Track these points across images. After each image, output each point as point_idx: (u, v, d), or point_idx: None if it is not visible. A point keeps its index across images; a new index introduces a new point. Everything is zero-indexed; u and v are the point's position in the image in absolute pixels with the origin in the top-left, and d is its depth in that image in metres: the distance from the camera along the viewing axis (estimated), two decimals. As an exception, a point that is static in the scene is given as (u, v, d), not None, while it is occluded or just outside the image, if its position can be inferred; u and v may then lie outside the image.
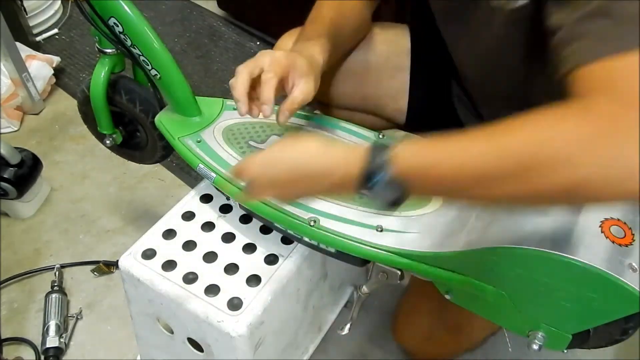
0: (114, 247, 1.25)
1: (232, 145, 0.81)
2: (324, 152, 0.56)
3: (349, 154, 0.54)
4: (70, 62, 1.75)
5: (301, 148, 0.58)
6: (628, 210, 0.59)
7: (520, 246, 0.56)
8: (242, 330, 0.69)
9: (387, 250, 0.66)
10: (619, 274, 0.53)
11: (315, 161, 0.56)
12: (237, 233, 0.80)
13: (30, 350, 1.07)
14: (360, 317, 0.95)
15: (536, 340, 0.62)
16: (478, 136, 0.47)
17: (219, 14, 1.99)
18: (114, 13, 0.79)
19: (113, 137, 0.99)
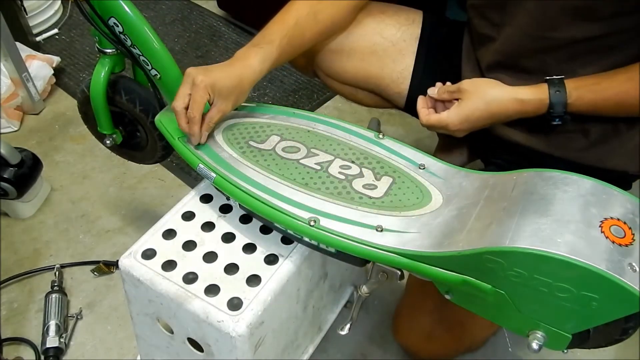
0: (114, 247, 1.25)
1: (232, 145, 0.81)
2: (515, 101, 0.77)
3: (534, 94, 0.76)
4: (70, 62, 1.75)
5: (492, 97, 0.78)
6: (628, 210, 0.59)
7: (520, 246, 0.56)
8: (242, 330, 0.69)
9: (387, 250, 0.66)
10: (619, 274, 0.53)
11: (507, 106, 0.78)
12: (237, 233, 0.80)
13: (30, 350, 1.07)
14: (360, 317, 0.96)
15: (536, 340, 0.62)
16: (630, 81, 0.72)
17: (219, 14, 1.99)
18: (114, 13, 0.79)
19: (113, 137, 0.99)
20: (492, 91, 0.79)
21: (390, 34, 0.98)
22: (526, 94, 0.77)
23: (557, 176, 0.63)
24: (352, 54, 0.98)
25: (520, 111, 0.78)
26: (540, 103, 0.77)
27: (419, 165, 0.77)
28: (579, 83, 0.76)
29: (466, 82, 0.81)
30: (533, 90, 0.77)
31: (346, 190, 0.74)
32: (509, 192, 0.65)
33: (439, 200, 0.72)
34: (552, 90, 0.76)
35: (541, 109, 0.77)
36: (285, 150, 0.80)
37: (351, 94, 1.07)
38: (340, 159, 0.79)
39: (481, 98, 0.79)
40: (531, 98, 0.77)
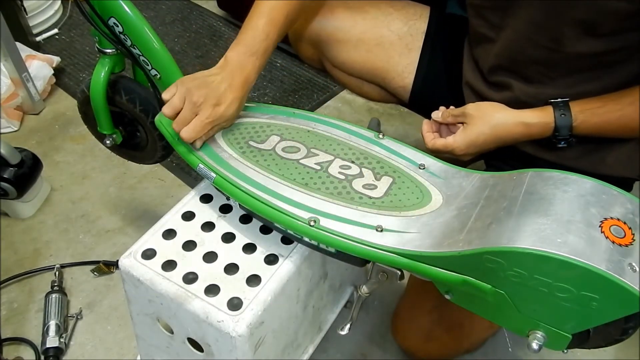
0: (114, 247, 1.25)
1: (232, 145, 0.81)
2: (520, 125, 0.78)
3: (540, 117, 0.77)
4: (70, 62, 1.76)
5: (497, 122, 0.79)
6: (628, 210, 0.59)
7: (520, 246, 0.56)
8: (242, 330, 0.69)
9: (387, 250, 0.66)
10: (619, 274, 0.53)
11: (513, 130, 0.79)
12: (237, 233, 0.80)
13: (30, 350, 1.07)
14: (360, 317, 0.96)
15: (536, 340, 0.62)
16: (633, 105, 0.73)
17: (219, 14, 1.99)
18: (114, 13, 0.79)
19: (113, 137, 0.99)
20: (497, 115, 0.80)
21: (397, 27, 0.99)
22: (532, 118, 0.78)
23: (557, 176, 0.63)
24: (359, 45, 0.99)
25: (526, 134, 0.79)
26: (546, 126, 0.77)
27: (419, 165, 0.77)
28: (583, 106, 0.76)
29: (471, 106, 0.82)
30: (538, 113, 0.78)
31: (346, 190, 0.74)
32: (509, 192, 0.65)
33: (439, 200, 0.72)
34: (558, 113, 0.76)
35: (546, 132, 0.78)
36: (285, 150, 0.80)
37: (357, 86, 1.08)
38: (340, 159, 0.79)
39: (487, 123, 0.79)
40: (537, 122, 0.77)
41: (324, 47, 1.02)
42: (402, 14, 1.00)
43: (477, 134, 0.80)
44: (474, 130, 0.80)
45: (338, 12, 0.99)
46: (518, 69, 0.82)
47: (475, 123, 0.80)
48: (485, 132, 0.80)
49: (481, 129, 0.80)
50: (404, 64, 0.99)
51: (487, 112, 0.80)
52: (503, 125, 0.79)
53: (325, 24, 1.00)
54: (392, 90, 1.03)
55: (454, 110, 0.83)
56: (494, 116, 0.80)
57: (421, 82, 0.99)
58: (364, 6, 1.00)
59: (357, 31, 0.99)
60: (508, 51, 0.82)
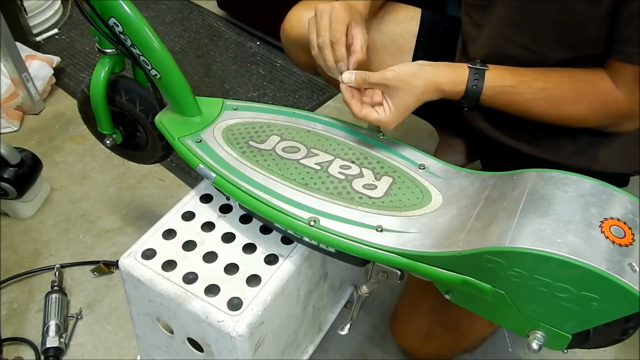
0: (114, 247, 1.25)
1: (232, 145, 0.81)
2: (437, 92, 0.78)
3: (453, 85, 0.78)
4: (70, 62, 1.75)
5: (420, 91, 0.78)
6: (628, 211, 0.59)
7: (520, 246, 0.56)
8: (242, 330, 0.69)
9: (387, 250, 0.66)
10: (619, 274, 0.53)
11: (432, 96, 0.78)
12: (237, 233, 0.80)
13: (30, 350, 1.07)
14: (360, 317, 0.96)
15: (536, 340, 0.62)
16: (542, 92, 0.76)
17: (219, 14, 1.99)
18: (114, 13, 0.79)
19: (113, 137, 0.99)
20: (418, 83, 0.78)
21: (389, 30, 0.99)
22: (446, 85, 0.78)
23: (557, 176, 0.63)
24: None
25: (440, 97, 0.80)
26: (457, 94, 0.78)
27: (419, 165, 0.77)
28: (496, 81, 0.77)
29: (389, 74, 0.78)
30: (454, 79, 0.78)
31: (346, 190, 0.74)
32: (509, 192, 0.65)
33: (439, 200, 0.72)
34: (470, 83, 0.77)
35: (456, 97, 0.79)
36: (285, 150, 0.80)
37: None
38: (340, 159, 0.79)
39: (410, 93, 0.78)
40: (449, 90, 0.78)
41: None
42: (393, 16, 0.99)
43: (404, 105, 0.79)
44: (401, 103, 0.78)
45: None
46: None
47: (400, 95, 0.78)
48: (410, 102, 0.78)
49: (407, 100, 0.78)
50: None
51: (408, 79, 0.78)
52: (424, 92, 0.78)
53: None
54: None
55: (371, 77, 0.80)
56: (415, 84, 0.78)
57: None
58: None
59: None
60: (485, 49, 0.83)
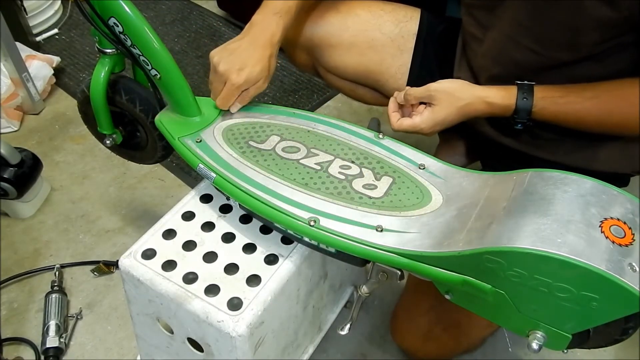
0: (114, 247, 1.25)
1: (232, 145, 0.81)
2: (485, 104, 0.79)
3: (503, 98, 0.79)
4: (70, 62, 1.75)
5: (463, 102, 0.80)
6: (628, 210, 0.59)
7: (520, 246, 0.56)
8: (242, 330, 0.69)
9: (387, 250, 0.66)
10: (619, 274, 0.53)
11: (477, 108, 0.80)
12: (237, 233, 0.80)
13: (30, 350, 1.07)
14: (360, 317, 0.96)
15: (536, 340, 0.62)
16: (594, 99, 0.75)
17: (219, 14, 1.99)
18: (114, 13, 0.79)
19: (113, 137, 0.99)
20: (462, 95, 0.80)
21: (389, 30, 0.99)
22: (495, 97, 0.79)
23: (557, 176, 0.63)
24: (352, 48, 0.99)
25: (488, 112, 0.80)
26: (507, 108, 0.79)
27: (419, 165, 0.77)
28: (546, 93, 0.77)
29: (434, 86, 0.81)
30: (502, 93, 0.79)
31: (346, 190, 0.74)
32: (509, 192, 0.65)
33: (439, 200, 0.72)
34: (520, 96, 0.77)
35: (507, 112, 0.79)
36: (285, 150, 0.80)
37: (351, 90, 1.08)
38: (340, 159, 0.79)
39: (453, 104, 0.80)
40: (499, 102, 0.79)
41: (316, 53, 1.02)
42: (393, 15, 1.00)
43: (444, 115, 0.81)
44: (441, 112, 0.81)
45: (329, 16, 0.99)
46: (502, 70, 0.83)
47: (441, 104, 0.80)
48: (452, 112, 0.80)
49: (448, 110, 0.80)
50: (397, 65, 0.99)
51: (452, 92, 0.81)
52: (468, 105, 0.80)
53: (316, 29, 1.00)
54: (387, 92, 1.03)
55: (417, 91, 0.83)
56: (459, 97, 0.80)
57: (414, 84, 0.99)
58: (354, 9, 1.00)
59: (348, 34, 0.98)
60: (492, 51, 0.83)
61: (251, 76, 0.81)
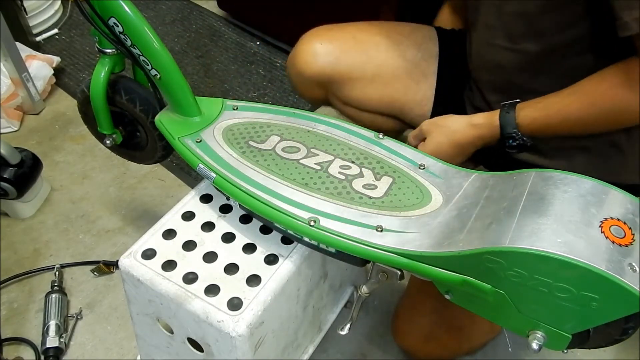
0: (114, 247, 1.25)
1: (232, 145, 0.81)
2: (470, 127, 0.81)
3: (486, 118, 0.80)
4: (70, 62, 1.75)
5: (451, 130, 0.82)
6: (628, 210, 0.59)
7: (520, 246, 0.56)
8: (242, 330, 0.69)
9: (387, 250, 0.66)
10: (618, 274, 0.53)
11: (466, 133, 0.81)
12: (237, 233, 0.80)
13: (30, 350, 1.07)
14: (360, 317, 0.95)
15: (536, 340, 0.62)
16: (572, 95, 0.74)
17: (219, 14, 1.99)
18: (114, 13, 0.79)
19: (113, 137, 0.99)
20: (449, 124, 0.83)
21: (412, 55, 0.95)
22: (479, 119, 0.81)
23: (557, 176, 0.63)
24: (376, 79, 0.95)
25: (477, 136, 0.81)
26: (492, 125, 0.79)
27: (419, 165, 0.77)
28: (527, 104, 0.78)
29: (425, 122, 0.86)
30: (486, 115, 0.81)
31: (346, 190, 0.74)
32: (509, 192, 0.65)
33: (439, 201, 0.72)
34: (502, 112, 0.78)
35: (494, 131, 0.79)
36: (285, 150, 0.80)
37: (371, 121, 1.02)
38: (340, 159, 0.79)
39: (442, 133, 0.83)
40: (483, 122, 0.80)
41: (335, 87, 0.97)
42: (412, 40, 0.96)
43: (435, 144, 0.83)
44: (432, 142, 0.83)
45: (348, 48, 0.94)
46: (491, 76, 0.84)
47: (431, 135, 0.84)
48: (442, 141, 0.83)
49: (438, 139, 0.83)
50: (422, 91, 0.96)
51: (442, 123, 0.83)
52: (456, 131, 0.82)
53: (338, 64, 0.94)
54: (411, 120, 1.00)
55: (413, 132, 0.87)
56: (447, 126, 0.83)
57: (441, 107, 0.97)
58: (373, 38, 0.95)
59: (372, 66, 0.94)
60: (476, 60, 0.85)
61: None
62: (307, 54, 0.94)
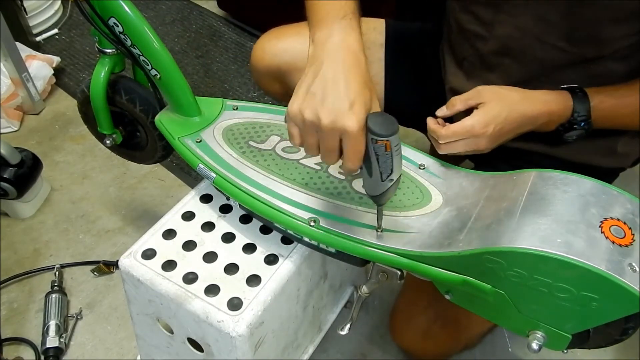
0: (114, 247, 1.25)
1: (232, 145, 0.81)
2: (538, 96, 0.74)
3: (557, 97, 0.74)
4: (70, 62, 1.75)
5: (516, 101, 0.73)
6: (628, 211, 0.59)
7: (520, 246, 0.56)
8: (242, 330, 0.69)
9: (387, 250, 0.66)
10: (618, 274, 0.53)
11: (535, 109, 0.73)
12: (237, 233, 0.80)
13: (30, 350, 1.07)
14: (360, 317, 0.96)
15: (536, 341, 0.62)
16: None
17: (219, 14, 1.99)
18: (114, 13, 0.79)
19: (113, 137, 0.99)
20: (513, 94, 0.74)
21: None
22: (549, 96, 0.74)
23: (557, 176, 0.63)
24: None
25: (547, 111, 0.74)
26: (565, 104, 0.74)
27: (419, 165, 0.77)
28: (598, 89, 0.75)
29: (485, 87, 0.75)
30: (552, 92, 0.75)
31: (346, 191, 0.74)
32: (509, 192, 0.65)
33: (439, 201, 0.72)
34: (575, 94, 0.74)
35: (566, 111, 0.74)
36: (285, 150, 0.80)
37: None
38: (340, 159, 0.79)
39: (506, 104, 0.73)
40: (554, 99, 0.74)
41: (286, 79, 1.00)
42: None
43: (494, 115, 0.72)
44: (491, 112, 0.72)
45: (294, 42, 0.97)
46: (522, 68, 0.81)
47: (492, 104, 0.72)
48: (503, 112, 0.72)
49: (498, 109, 0.72)
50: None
51: (504, 93, 0.74)
52: (521, 102, 0.73)
53: (281, 56, 0.98)
54: None
55: (463, 95, 0.74)
56: (510, 95, 0.74)
57: (392, 94, 0.98)
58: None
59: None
60: (508, 50, 0.80)
61: (367, 107, 0.58)
62: (257, 51, 1.00)
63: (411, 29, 1.00)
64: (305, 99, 0.58)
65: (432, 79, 0.95)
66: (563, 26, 0.74)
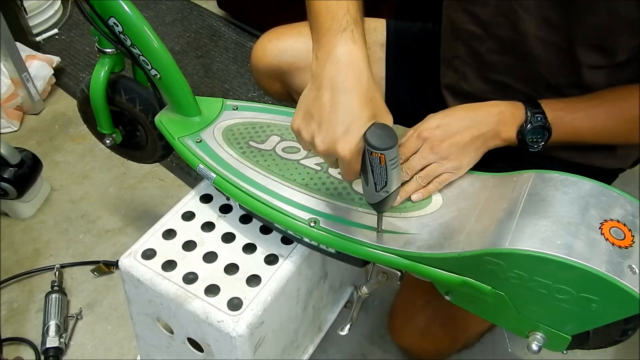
0: (114, 247, 1.25)
1: (232, 145, 0.81)
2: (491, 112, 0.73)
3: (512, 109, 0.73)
4: (70, 62, 1.75)
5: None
6: (628, 212, 0.59)
7: (520, 248, 0.56)
8: (242, 330, 0.69)
9: (387, 251, 0.66)
10: (618, 276, 0.53)
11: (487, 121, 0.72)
12: (237, 233, 0.80)
13: (30, 350, 1.07)
14: (360, 317, 0.96)
15: (536, 342, 0.62)
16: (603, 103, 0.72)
17: (219, 14, 1.99)
18: (114, 13, 0.79)
19: (113, 137, 0.99)
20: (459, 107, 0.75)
21: None
22: (505, 105, 0.74)
23: (557, 177, 0.63)
24: None
25: (494, 105, 0.74)
26: (513, 105, 0.74)
27: (419, 166, 0.77)
28: (550, 101, 0.74)
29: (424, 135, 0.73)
30: (511, 104, 0.74)
31: (346, 191, 0.74)
32: (509, 193, 0.65)
33: (439, 201, 0.72)
34: (526, 103, 0.73)
35: (517, 110, 0.73)
36: (285, 151, 0.80)
37: None
38: (340, 159, 0.79)
39: (449, 111, 0.75)
40: (504, 102, 0.74)
41: (287, 78, 1.00)
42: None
43: (438, 117, 0.73)
44: (435, 116, 0.73)
45: (295, 41, 0.97)
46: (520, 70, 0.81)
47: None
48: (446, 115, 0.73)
49: (442, 114, 0.73)
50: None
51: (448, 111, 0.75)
52: (465, 106, 0.74)
53: (282, 56, 0.98)
54: None
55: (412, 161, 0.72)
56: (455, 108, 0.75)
57: (393, 93, 0.98)
58: None
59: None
60: (509, 49, 0.80)
61: (366, 126, 0.56)
62: (257, 51, 1.00)
63: (411, 29, 1.00)
64: (304, 119, 0.59)
65: (432, 78, 0.95)
66: (564, 29, 0.73)
